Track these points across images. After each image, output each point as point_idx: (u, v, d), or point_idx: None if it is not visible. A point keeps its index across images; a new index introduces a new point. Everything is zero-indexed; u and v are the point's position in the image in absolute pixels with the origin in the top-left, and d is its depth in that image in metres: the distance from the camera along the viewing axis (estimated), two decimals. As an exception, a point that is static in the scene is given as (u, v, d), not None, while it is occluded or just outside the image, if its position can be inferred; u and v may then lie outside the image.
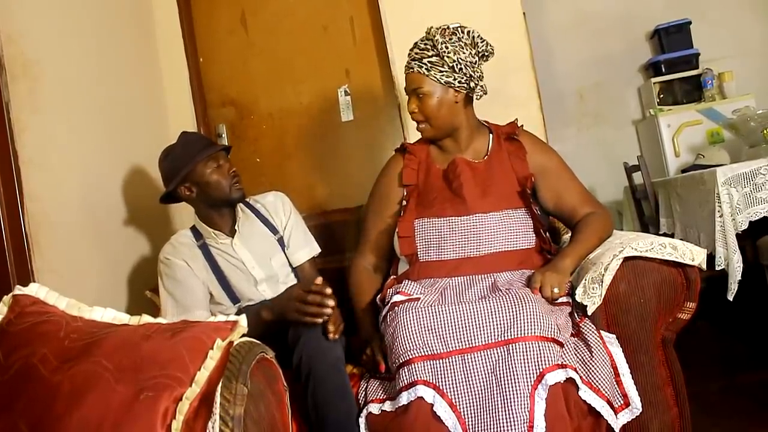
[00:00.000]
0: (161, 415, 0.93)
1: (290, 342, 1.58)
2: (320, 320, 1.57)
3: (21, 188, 1.75)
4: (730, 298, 2.32)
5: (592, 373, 1.44)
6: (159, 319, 1.15)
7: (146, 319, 1.13)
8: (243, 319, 1.08)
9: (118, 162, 2.30)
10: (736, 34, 4.11)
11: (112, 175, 2.25)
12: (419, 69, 1.74)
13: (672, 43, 4.03)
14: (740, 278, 2.32)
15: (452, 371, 1.40)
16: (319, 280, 1.60)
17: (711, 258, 2.20)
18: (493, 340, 1.41)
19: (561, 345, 1.42)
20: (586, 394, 1.39)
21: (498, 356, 1.39)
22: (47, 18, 2.01)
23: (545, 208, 1.83)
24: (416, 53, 1.77)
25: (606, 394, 1.41)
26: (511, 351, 1.37)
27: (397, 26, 2.80)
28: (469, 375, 1.39)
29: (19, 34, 1.82)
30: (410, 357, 1.43)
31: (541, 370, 1.34)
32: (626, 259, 1.54)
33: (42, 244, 1.77)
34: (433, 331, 1.45)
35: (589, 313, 1.55)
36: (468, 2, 2.76)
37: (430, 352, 1.43)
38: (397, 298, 1.60)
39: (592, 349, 1.49)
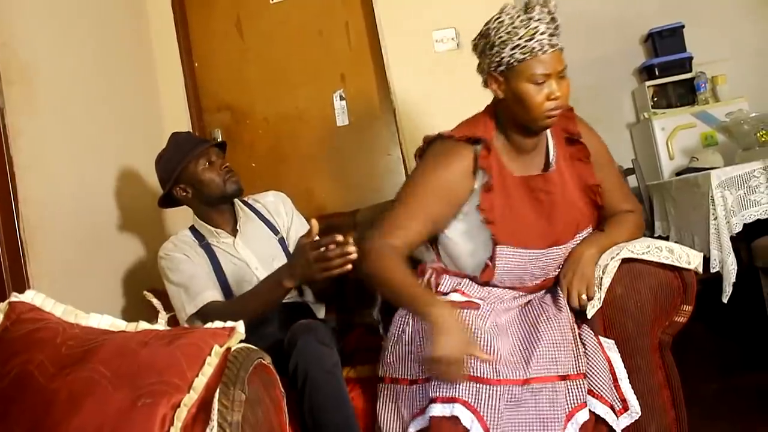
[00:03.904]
0: (159, 422, 0.92)
1: (286, 348, 1.55)
2: (350, 267, 1.45)
3: (16, 193, 1.73)
4: (725, 300, 2.33)
5: (593, 380, 1.43)
6: (156, 326, 1.14)
7: (143, 325, 1.12)
8: (240, 326, 1.08)
9: (113, 167, 2.29)
10: (729, 37, 4.12)
11: (107, 180, 2.24)
12: (562, 45, 1.43)
13: (665, 47, 4.03)
14: (735, 280, 2.33)
15: (495, 400, 1.31)
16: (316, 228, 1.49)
17: (706, 260, 2.21)
18: (534, 375, 1.36)
19: (584, 377, 1.41)
20: (590, 401, 1.40)
21: (533, 393, 1.35)
22: (43, 23, 2.00)
23: None
24: (555, 26, 1.41)
25: (608, 400, 1.41)
26: (543, 389, 1.35)
27: (391, 31, 2.81)
28: (511, 407, 1.33)
29: (14, 38, 1.82)
30: None
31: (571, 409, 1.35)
32: (623, 261, 1.55)
33: (37, 248, 1.76)
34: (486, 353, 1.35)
35: (589, 317, 1.54)
36: (462, 6, 2.76)
37: (477, 374, 1.33)
38: (455, 297, 1.50)
39: (591, 356, 1.48)
